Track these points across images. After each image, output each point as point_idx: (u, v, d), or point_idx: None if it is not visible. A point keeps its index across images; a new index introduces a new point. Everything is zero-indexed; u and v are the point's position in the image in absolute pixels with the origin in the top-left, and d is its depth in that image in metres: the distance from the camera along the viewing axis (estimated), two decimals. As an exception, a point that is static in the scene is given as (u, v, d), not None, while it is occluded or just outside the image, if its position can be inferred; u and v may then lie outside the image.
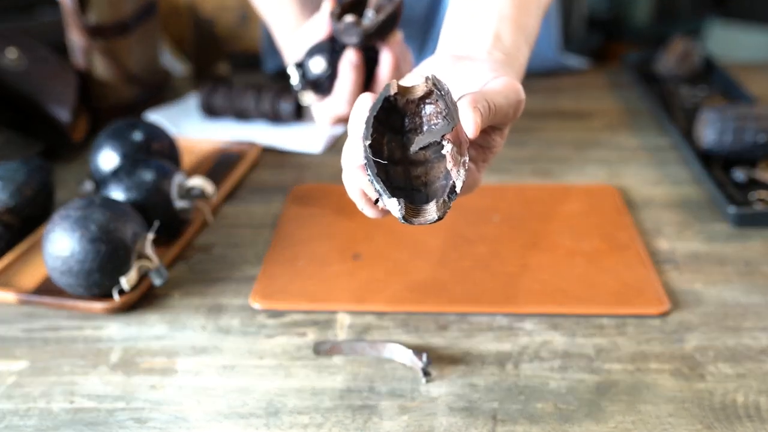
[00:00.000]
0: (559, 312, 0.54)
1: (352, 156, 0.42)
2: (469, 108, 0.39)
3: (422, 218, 0.38)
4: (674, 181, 0.74)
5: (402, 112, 0.42)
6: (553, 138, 0.84)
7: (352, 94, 0.63)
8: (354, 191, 0.42)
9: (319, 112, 0.67)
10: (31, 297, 0.56)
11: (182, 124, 0.87)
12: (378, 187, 0.38)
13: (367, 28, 0.60)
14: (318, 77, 0.63)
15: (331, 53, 0.63)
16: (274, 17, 0.79)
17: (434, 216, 0.38)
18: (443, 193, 0.39)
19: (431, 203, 0.39)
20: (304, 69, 0.64)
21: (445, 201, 0.38)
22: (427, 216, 0.38)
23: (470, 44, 0.50)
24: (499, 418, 0.45)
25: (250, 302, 0.56)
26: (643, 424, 0.44)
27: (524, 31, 0.52)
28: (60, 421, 0.46)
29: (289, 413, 0.46)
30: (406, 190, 0.40)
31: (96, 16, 0.83)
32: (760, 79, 0.99)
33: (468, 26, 0.51)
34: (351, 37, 0.61)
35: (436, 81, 0.40)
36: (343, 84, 0.63)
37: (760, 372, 0.48)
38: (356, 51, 0.62)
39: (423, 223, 0.38)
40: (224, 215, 0.70)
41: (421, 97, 0.41)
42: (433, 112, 0.41)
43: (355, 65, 0.62)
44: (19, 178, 0.64)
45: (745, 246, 0.62)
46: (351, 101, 0.63)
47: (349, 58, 0.62)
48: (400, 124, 0.42)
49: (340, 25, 0.61)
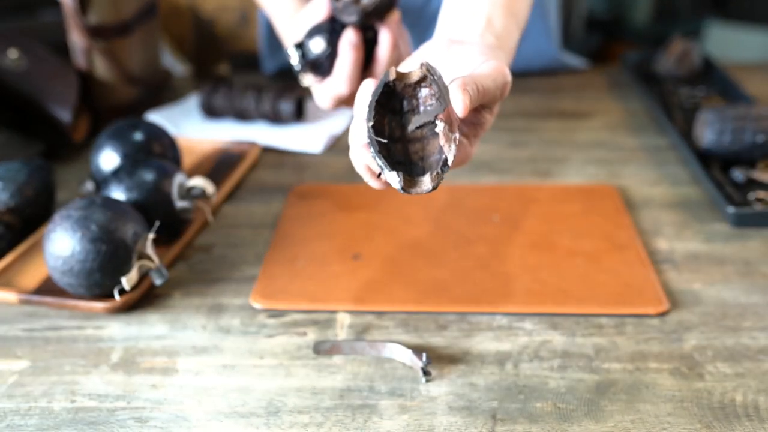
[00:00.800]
0: (558, 312, 0.54)
1: (358, 136, 0.46)
2: (459, 90, 0.43)
3: (419, 188, 0.43)
4: (673, 181, 0.74)
5: (400, 96, 0.47)
6: (552, 138, 0.84)
7: (352, 73, 0.62)
8: (360, 166, 0.47)
9: (320, 92, 0.66)
10: (32, 297, 0.56)
11: (182, 124, 0.88)
12: (380, 162, 0.43)
13: (365, 6, 0.60)
14: (318, 57, 0.63)
15: (330, 33, 0.63)
16: (273, 5, 0.79)
17: (429, 186, 0.43)
18: (437, 166, 0.44)
19: (426, 175, 0.43)
20: (303, 49, 0.64)
21: (439, 173, 0.43)
22: (423, 186, 0.43)
23: (464, 29, 0.54)
24: (499, 418, 0.45)
25: (251, 302, 0.56)
26: (642, 423, 0.45)
27: (515, 16, 0.57)
28: (61, 420, 0.46)
29: (289, 412, 0.46)
30: (405, 164, 0.45)
31: (96, 16, 0.83)
32: (759, 79, 0.99)
33: (462, 12, 0.56)
34: (350, 16, 0.61)
35: (430, 67, 0.45)
36: (343, 64, 0.62)
37: (759, 371, 0.49)
38: (355, 30, 0.62)
39: (420, 193, 0.43)
40: (224, 215, 0.70)
41: (417, 82, 0.46)
42: (427, 94, 0.46)
43: (355, 45, 0.62)
44: (20, 178, 0.64)
45: (744, 246, 0.63)
46: (351, 81, 0.63)
47: (349, 38, 0.62)
48: (399, 106, 0.47)
49: (339, 3, 0.61)
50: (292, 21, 0.73)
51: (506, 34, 0.55)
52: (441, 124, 0.44)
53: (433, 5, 0.97)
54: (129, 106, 0.89)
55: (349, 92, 0.63)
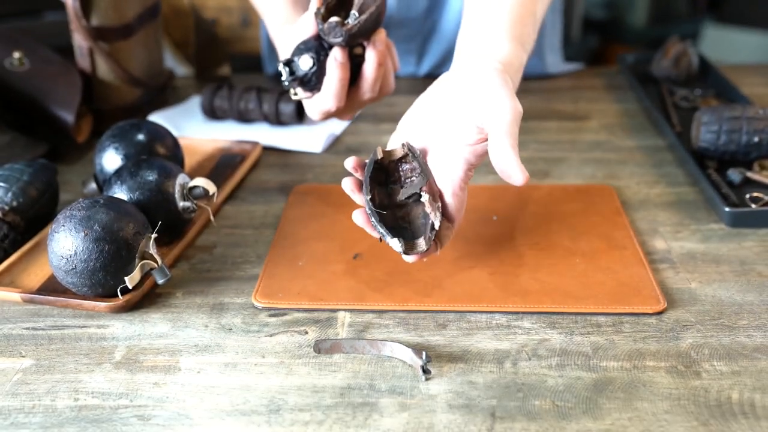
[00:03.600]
0: (556, 310, 0.55)
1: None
2: (518, 170, 0.48)
3: (416, 250, 0.51)
4: (670, 181, 0.75)
5: (385, 170, 0.55)
6: (550, 139, 0.85)
7: (339, 90, 0.65)
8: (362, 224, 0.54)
9: (309, 106, 0.68)
10: (36, 296, 0.56)
11: (184, 125, 0.88)
12: (382, 231, 0.51)
13: (350, 28, 0.62)
14: (306, 74, 0.65)
15: (318, 51, 0.64)
16: (267, 11, 0.80)
17: (424, 247, 0.51)
18: (426, 229, 0.52)
19: (420, 239, 0.51)
20: (292, 66, 0.65)
21: (430, 237, 0.51)
22: (419, 248, 0.51)
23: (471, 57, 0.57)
24: (498, 415, 0.46)
25: (252, 301, 0.57)
26: (639, 421, 0.45)
27: (521, 39, 0.59)
28: (64, 418, 0.46)
29: (290, 410, 0.47)
30: (396, 229, 0.53)
31: (99, 18, 0.83)
32: (754, 80, 1.00)
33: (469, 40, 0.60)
34: (336, 38, 0.62)
35: (410, 147, 0.54)
36: (330, 81, 0.64)
37: (755, 369, 0.49)
38: (342, 49, 0.63)
39: (417, 254, 0.51)
40: (226, 215, 0.71)
41: (400, 158, 0.55)
42: (408, 168, 0.55)
43: (341, 63, 0.64)
44: (24, 178, 0.65)
45: (740, 245, 0.63)
46: (338, 97, 0.65)
47: (335, 56, 0.63)
48: (384, 178, 0.56)
49: (325, 25, 0.62)
50: (284, 31, 0.74)
51: (512, 58, 0.57)
52: (426, 196, 0.52)
53: (432, 18, 0.98)
54: (131, 107, 0.90)
55: (336, 108, 0.66)
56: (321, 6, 0.64)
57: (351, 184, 0.54)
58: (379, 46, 0.65)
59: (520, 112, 0.51)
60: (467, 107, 0.52)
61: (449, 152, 0.53)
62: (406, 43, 0.99)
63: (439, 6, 0.97)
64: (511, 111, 0.50)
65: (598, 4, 2.36)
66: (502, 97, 0.50)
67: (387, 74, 0.69)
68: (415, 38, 0.99)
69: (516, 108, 0.50)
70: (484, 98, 0.51)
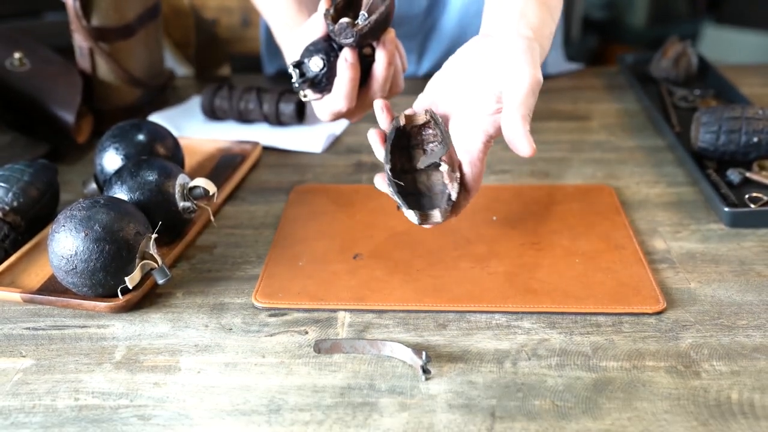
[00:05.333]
0: (556, 310, 0.55)
1: None
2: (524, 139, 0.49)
3: (431, 221, 0.52)
4: (670, 181, 0.75)
5: (407, 134, 0.56)
6: (550, 139, 0.85)
7: (349, 91, 0.65)
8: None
9: (320, 108, 0.68)
10: (37, 296, 0.56)
11: (185, 125, 0.88)
12: (399, 201, 0.52)
13: (361, 29, 0.62)
14: (316, 76, 0.65)
15: (328, 52, 0.65)
16: (272, 16, 0.80)
17: (439, 219, 0.52)
18: (442, 200, 0.53)
19: (435, 210, 0.52)
20: (302, 68, 0.65)
21: (446, 208, 0.52)
22: (434, 219, 0.52)
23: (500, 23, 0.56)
24: (498, 415, 0.46)
25: (252, 301, 0.57)
26: (639, 420, 0.45)
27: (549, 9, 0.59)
28: (65, 418, 0.47)
29: (290, 410, 0.47)
30: (416, 195, 0.54)
31: (100, 18, 0.83)
32: (754, 80, 1.00)
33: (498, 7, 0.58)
34: (346, 38, 0.63)
35: (433, 114, 0.55)
36: (340, 82, 0.64)
37: (754, 369, 0.49)
38: (352, 50, 0.63)
39: (432, 224, 0.52)
40: (226, 215, 0.71)
41: (423, 124, 0.56)
42: (431, 133, 0.56)
43: (351, 64, 0.64)
44: (24, 178, 0.65)
45: (740, 245, 0.63)
46: (349, 97, 0.65)
47: (346, 57, 0.63)
48: (406, 142, 0.56)
49: (335, 26, 0.62)
50: (291, 35, 0.74)
51: (541, 25, 0.56)
52: (445, 166, 0.52)
53: (432, 16, 0.98)
54: (132, 108, 0.90)
55: (347, 108, 0.65)
56: (330, 7, 0.64)
57: (376, 137, 0.55)
58: (389, 46, 0.65)
59: (539, 81, 0.50)
60: (489, 74, 0.52)
61: (470, 121, 0.53)
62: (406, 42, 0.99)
63: (439, 4, 0.97)
64: (528, 80, 0.49)
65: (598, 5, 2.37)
66: (522, 65, 0.50)
67: (397, 74, 0.69)
68: (415, 36, 0.99)
69: (535, 77, 0.50)
70: (504, 66, 0.51)
